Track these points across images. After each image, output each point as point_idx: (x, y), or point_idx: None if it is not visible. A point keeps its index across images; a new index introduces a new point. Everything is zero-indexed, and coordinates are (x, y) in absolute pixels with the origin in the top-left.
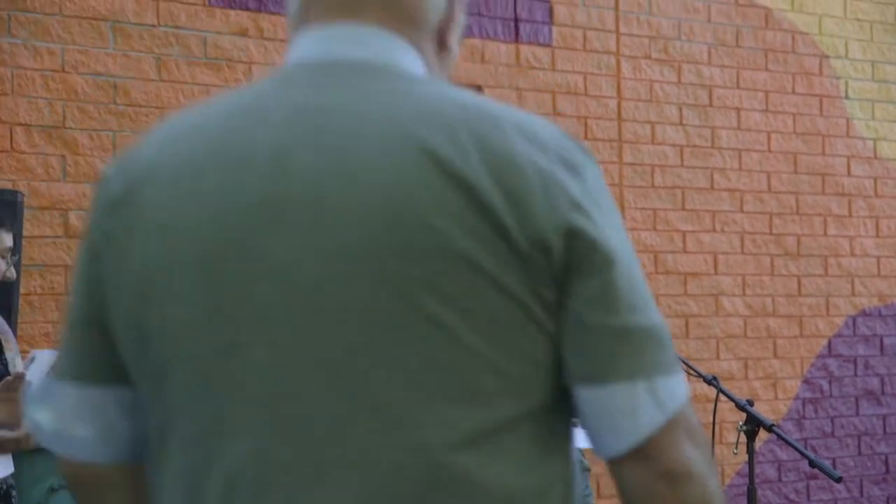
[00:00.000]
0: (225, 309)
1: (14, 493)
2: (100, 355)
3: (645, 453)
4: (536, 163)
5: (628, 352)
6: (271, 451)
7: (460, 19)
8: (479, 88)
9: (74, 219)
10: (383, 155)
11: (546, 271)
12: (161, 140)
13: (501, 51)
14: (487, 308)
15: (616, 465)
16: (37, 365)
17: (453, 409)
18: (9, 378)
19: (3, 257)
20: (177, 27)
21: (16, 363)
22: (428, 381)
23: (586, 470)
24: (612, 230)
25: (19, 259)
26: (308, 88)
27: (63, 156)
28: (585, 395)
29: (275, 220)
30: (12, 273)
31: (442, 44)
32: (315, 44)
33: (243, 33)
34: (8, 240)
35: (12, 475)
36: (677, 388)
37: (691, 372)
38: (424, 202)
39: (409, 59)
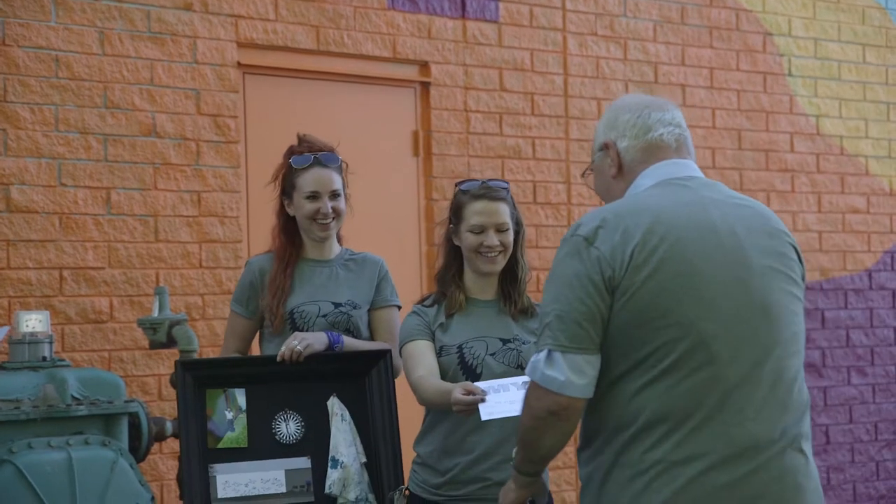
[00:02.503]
0: (730, 306)
1: None
2: (596, 335)
3: None
4: None
5: None
6: (744, 371)
7: None
8: (425, 65)
9: (16, 193)
10: (758, 219)
11: (801, 272)
12: (648, 214)
13: (448, 27)
14: (798, 289)
15: None
16: None
17: (800, 348)
18: None
19: None
20: (120, 1)
21: None
22: (793, 322)
23: None
24: None
25: None
26: (702, 190)
27: (4, 130)
28: None
29: (734, 247)
30: None
31: None
32: (674, 169)
33: (188, 7)
34: None
35: None
36: None
37: None
38: (780, 239)
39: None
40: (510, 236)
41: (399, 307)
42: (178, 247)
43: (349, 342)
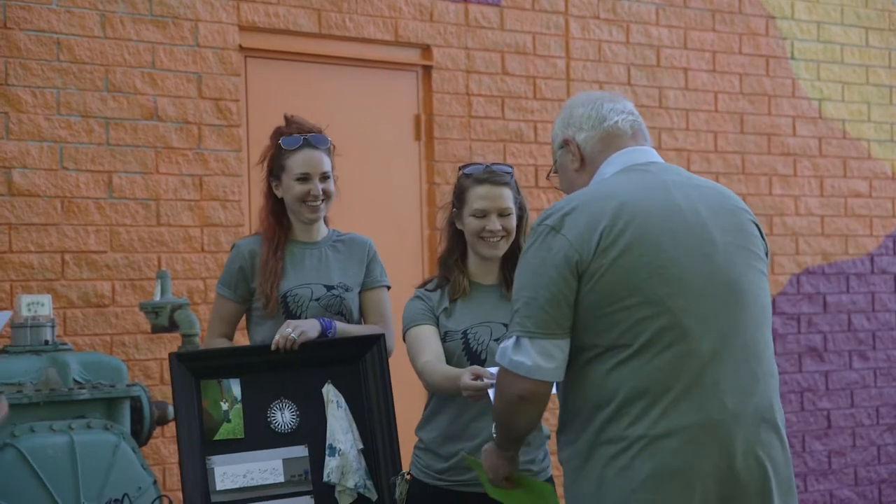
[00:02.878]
0: (698, 282)
1: None
2: (563, 320)
3: None
4: None
5: None
6: (716, 345)
7: None
8: (427, 48)
9: (18, 177)
10: (718, 199)
11: (764, 248)
12: (613, 199)
13: (450, 10)
14: (762, 264)
15: None
16: None
17: (768, 321)
18: None
19: None
20: None
21: None
22: (760, 296)
23: (546, 437)
24: None
25: None
26: (663, 174)
27: (6, 113)
28: None
29: (699, 225)
30: None
31: None
32: (635, 156)
33: None
34: None
35: None
36: None
37: None
38: (741, 217)
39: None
40: (513, 221)
41: (388, 287)
42: (180, 231)
43: (341, 327)
